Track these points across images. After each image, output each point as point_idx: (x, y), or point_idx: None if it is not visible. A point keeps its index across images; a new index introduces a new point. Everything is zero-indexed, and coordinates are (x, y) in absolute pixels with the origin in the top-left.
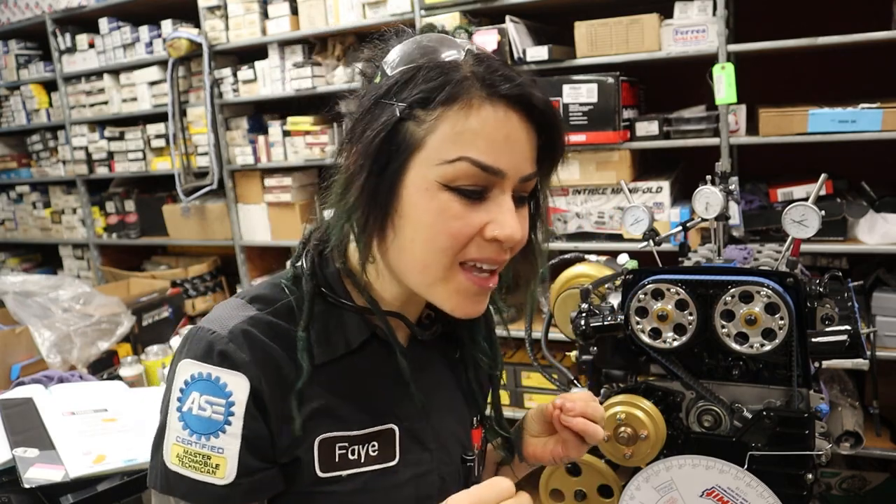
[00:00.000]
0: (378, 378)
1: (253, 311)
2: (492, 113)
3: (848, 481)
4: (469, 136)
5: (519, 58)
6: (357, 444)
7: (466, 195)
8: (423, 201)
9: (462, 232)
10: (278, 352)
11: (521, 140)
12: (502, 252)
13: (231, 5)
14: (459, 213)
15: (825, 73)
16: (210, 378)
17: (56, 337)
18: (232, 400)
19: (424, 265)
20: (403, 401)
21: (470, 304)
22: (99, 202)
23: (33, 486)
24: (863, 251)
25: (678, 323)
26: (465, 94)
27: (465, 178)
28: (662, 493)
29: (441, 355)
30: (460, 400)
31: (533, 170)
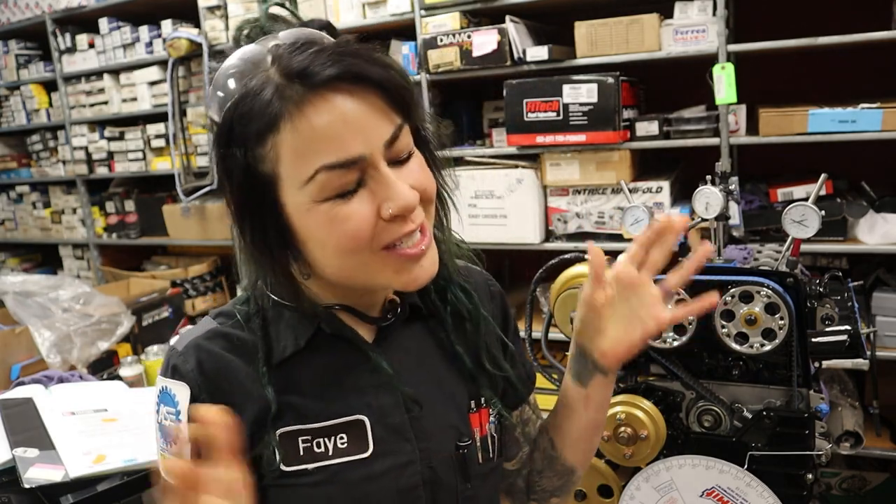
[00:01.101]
0: (347, 371)
1: (214, 325)
2: (316, 110)
3: (848, 481)
4: (310, 145)
5: (519, 58)
6: (322, 437)
7: (343, 196)
8: (310, 221)
9: (361, 229)
10: (231, 359)
11: (361, 112)
12: (409, 221)
13: (231, 5)
14: (347, 214)
15: (825, 73)
16: (166, 390)
17: (56, 337)
18: (179, 408)
19: (348, 271)
20: (377, 390)
21: (416, 275)
22: (99, 202)
23: (33, 486)
24: (863, 251)
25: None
26: (283, 111)
27: (331, 184)
28: (662, 493)
29: (430, 339)
30: (455, 385)
31: (394, 125)
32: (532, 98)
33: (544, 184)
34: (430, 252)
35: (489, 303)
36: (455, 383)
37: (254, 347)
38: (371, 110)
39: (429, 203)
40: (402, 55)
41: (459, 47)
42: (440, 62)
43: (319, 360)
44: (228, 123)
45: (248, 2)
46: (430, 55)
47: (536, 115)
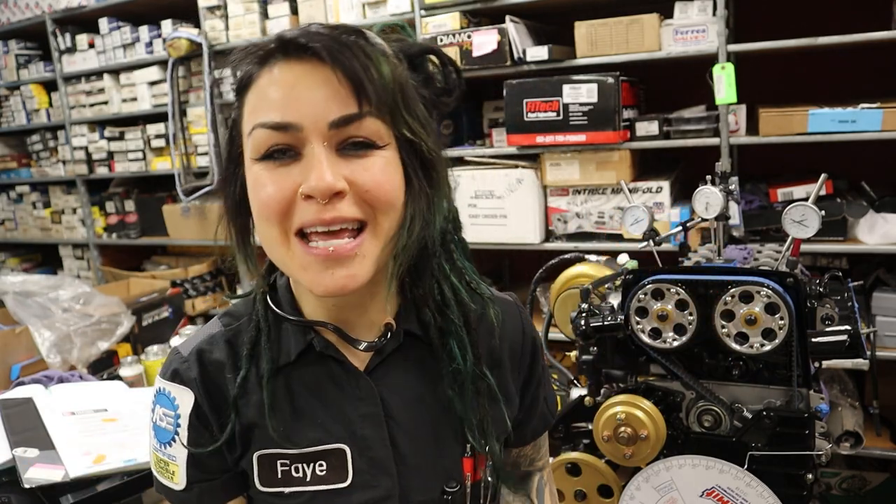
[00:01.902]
0: (335, 395)
1: (218, 328)
2: (271, 75)
3: (848, 481)
4: (257, 104)
5: (519, 58)
6: (301, 462)
7: (273, 159)
8: (248, 180)
9: (272, 198)
10: (226, 367)
11: (315, 86)
12: (325, 210)
13: (231, 5)
14: (267, 180)
15: (825, 73)
16: (165, 392)
17: (56, 337)
18: (179, 413)
19: (267, 242)
20: (363, 420)
21: (318, 277)
22: (99, 202)
23: (33, 486)
24: (863, 251)
25: (678, 323)
26: (256, 70)
27: (264, 144)
28: (662, 493)
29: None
30: (450, 424)
31: (349, 111)
32: (532, 98)
33: (544, 184)
34: (355, 264)
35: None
36: (451, 423)
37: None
38: (326, 90)
39: (379, 209)
40: None
41: (459, 47)
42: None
43: (310, 376)
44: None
45: (248, 2)
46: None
47: (536, 115)
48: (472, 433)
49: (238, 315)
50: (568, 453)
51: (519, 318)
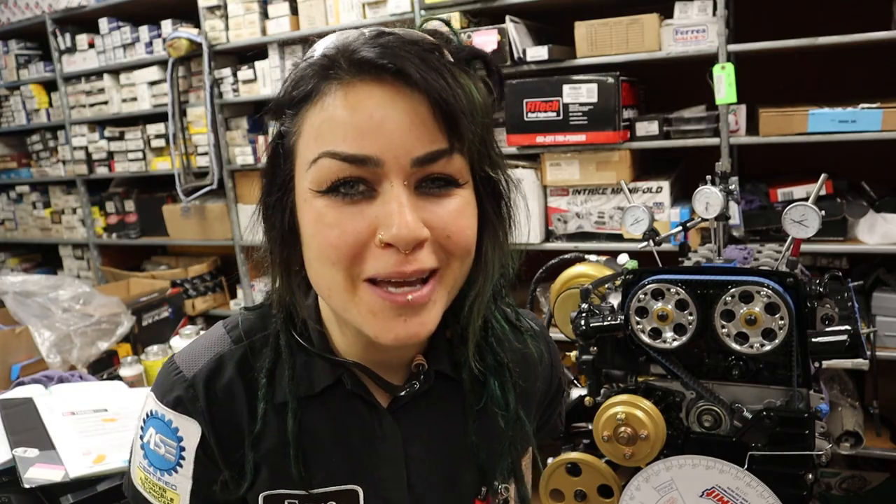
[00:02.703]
0: (349, 434)
1: (226, 345)
2: (347, 96)
3: (848, 481)
4: (327, 128)
5: (519, 58)
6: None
7: (341, 195)
8: (305, 213)
9: (342, 241)
10: (240, 396)
11: (398, 116)
12: (405, 262)
13: (231, 5)
14: (335, 221)
15: (825, 73)
16: (164, 419)
17: (56, 337)
18: (183, 445)
19: (326, 285)
20: (379, 460)
21: (390, 325)
22: (99, 202)
23: (33, 486)
24: (863, 251)
25: (678, 323)
26: (320, 84)
27: (331, 176)
28: (662, 493)
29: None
30: (466, 466)
31: (435, 146)
32: (532, 98)
33: (544, 184)
34: (426, 312)
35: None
36: (466, 465)
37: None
38: (412, 120)
39: (455, 256)
40: None
41: None
42: None
43: (329, 413)
44: (281, 93)
45: (248, 2)
46: None
47: (536, 115)
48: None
49: (249, 331)
50: (568, 453)
51: (548, 352)
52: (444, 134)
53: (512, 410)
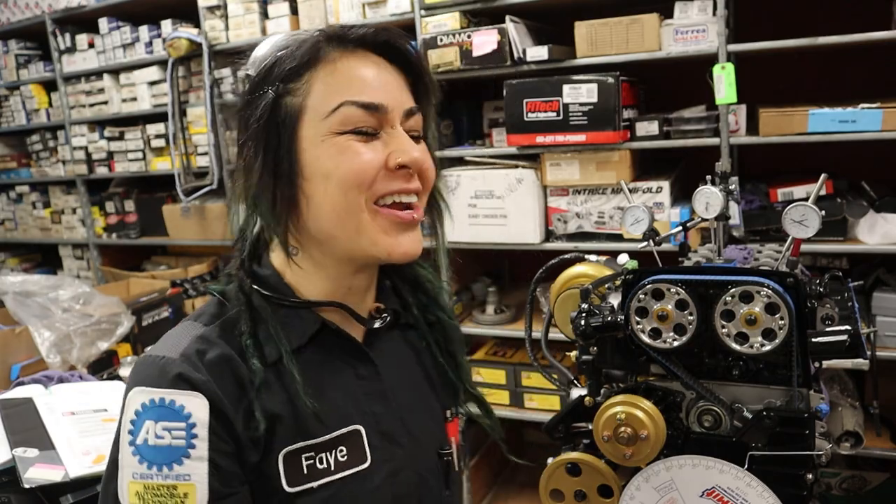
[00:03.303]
0: (338, 376)
1: (201, 328)
2: (353, 60)
3: (848, 481)
4: (342, 83)
5: (519, 57)
6: (324, 452)
7: (360, 134)
8: (324, 151)
9: (367, 166)
10: (235, 361)
11: (390, 78)
12: (411, 178)
13: (231, 5)
14: (360, 150)
15: (825, 73)
16: (164, 403)
17: (56, 337)
18: (193, 422)
19: (343, 214)
20: (369, 397)
21: (400, 241)
22: (99, 202)
23: (33, 486)
24: (863, 251)
25: (678, 323)
26: (324, 54)
27: (352, 120)
28: (662, 493)
29: (406, 348)
30: (430, 393)
31: (413, 104)
32: (532, 98)
33: (544, 184)
34: (418, 231)
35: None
36: (432, 393)
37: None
38: (396, 81)
39: (425, 188)
40: None
41: (459, 47)
42: (440, 62)
43: (317, 362)
44: (268, 66)
45: (248, 2)
46: (431, 55)
47: (536, 115)
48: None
49: (215, 314)
50: (568, 453)
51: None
52: (414, 95)
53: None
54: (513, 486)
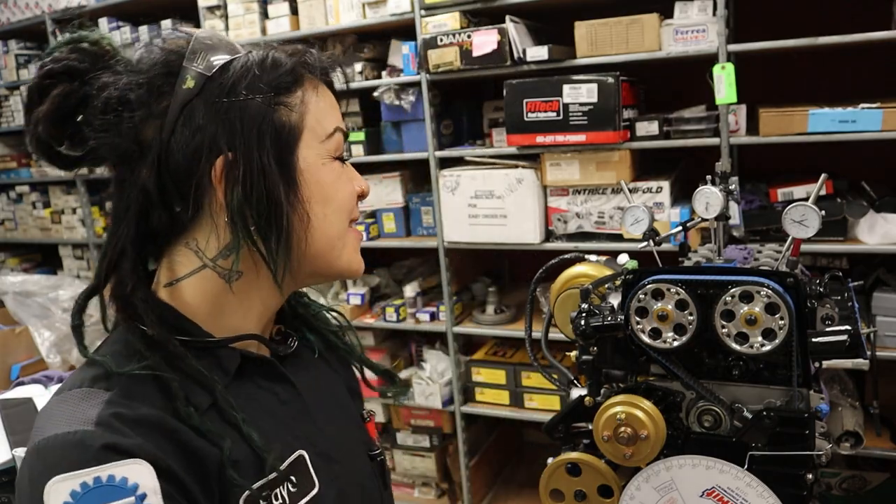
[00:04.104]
0: (265, 405)
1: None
2: (321, 87)
3: (848, 481)
4: (328, 108)
5: (519, 57)
6: (278, 487)
7: (341, 161)
8: (325, 176)
9: (354, 193)
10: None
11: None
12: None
13: (231, 5)
14: (347, 177)
15: (825, 73)
16: (101, 482)
17: (56, 337)
18: (142, 492)
19: (335, 236)
20: (296, 420)
21: (359, 259)
22: (99, 202)
23: None
24: (863, 251)
25: (678, 323)
26: (304, 75)
27: (339, 146)
28: (662, 493)
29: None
30: (345, 399)
31: None
32: (532, 98)
33: (544, 184)
34: None
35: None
36: (347, 399)
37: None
38: None
39: None
40: (402, 55)
41: (459, 47)
42: (440, 62)
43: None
44: (245, 71)
45: (248, 2)
46: (430, 55)
47: (536, 115)
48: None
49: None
50: (568, 453)
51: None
52: None
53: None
54: (513, 486)
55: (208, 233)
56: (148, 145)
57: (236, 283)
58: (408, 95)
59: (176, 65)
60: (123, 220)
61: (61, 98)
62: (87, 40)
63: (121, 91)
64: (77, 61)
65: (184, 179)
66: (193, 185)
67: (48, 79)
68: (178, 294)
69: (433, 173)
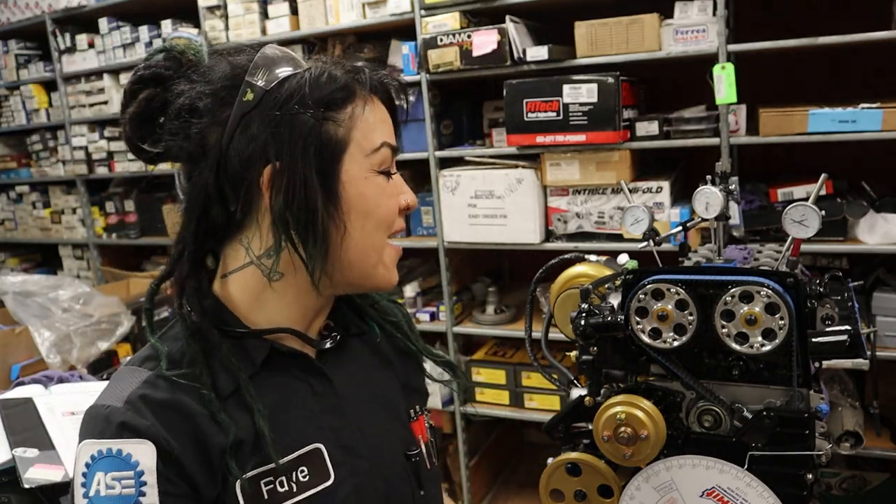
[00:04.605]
0: (294, 396)
1: (146, 372)
2: (375, 100)
3: (848, 481)
4: (377, 124)
5: (519, 58)
6: (283, 475)
7: (387, 175)
8: (367, 189)
9: (396, 207)
10: (185, 402)
11: (389, 121)
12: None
13: (231, 5)
14: (391, 192)
15: (825, 73)
16: (112, 453)
17: (56, 337)
18: (141, 469)
19: (370, 248)
20: (325, 413)
21: (394, 272)
22: (99, 202)
23: (33, 486)
24: (863, 251)
25: (678, 323)
26: (356, 91)
27: (386, 160)
28: (662, 493)
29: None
30: (393, 396)
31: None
32: (532, 98)
33: (544, 184)
34: None
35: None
36: (394, 395)
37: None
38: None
39: None
40: (402, 55)
41: (459, 47)
42: (440, 62)
43: (267, 386)
44: (298, 87)
45: (248, 2)
46: (430, 55)
47: (536, 115)
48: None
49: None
50: (568, 453)
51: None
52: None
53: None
54: (513, 486)
55: (256, 233)
56: (210, 149)
57: (276, 282)
58: (408, 95)
59: (239, 78)
60: (188, 215)
61: (146, 102)
62: (176, 49)
63: (192, 99)
64: (164, 69)
65: (238, 183)
66: (245, 189)
67: (138, 84)
68: (227, 286)
69: (433, 173)
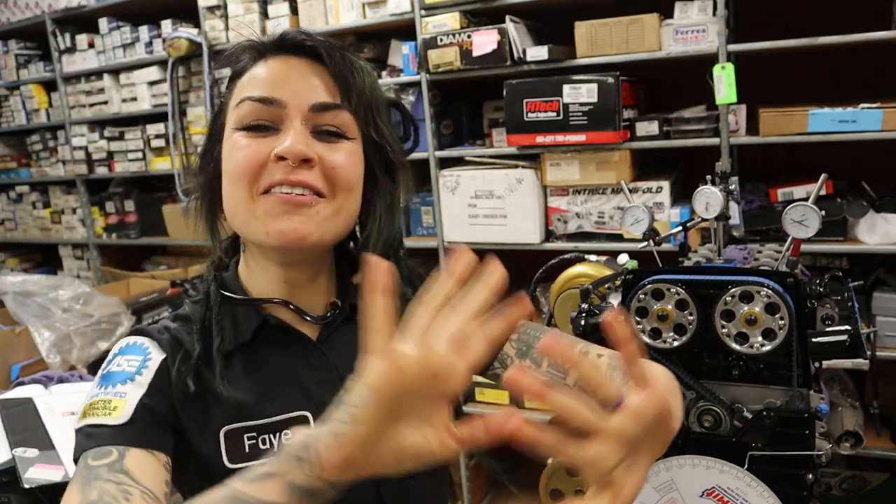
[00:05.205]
0: (290, 367)
1: (168, 322)
2: (267, 63)
3: (848, 481)
4: (249, 83)
5: (519, 57)
6: (267, 434)
7: (254, 130)
8: (225, 147)
9: (249, 160)
10: (186, 343)
11: (304, 75)
12: (293, 170)
13: (231, 5)
14: (245, 145)
15: (825, 73)
16: (135, 344)
17: (56, 337)
18: (149, 357)
19: (233, 204)
20: (320, 386)
21: (278, 222)
22: (99, 202)
23: (33, 486)
24: (863, 251)
25: (678, 323)
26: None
27: (249, 115)
28: (662, 493)
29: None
30: None
31: (330, 100)
32: (532, 98)
33: (544, 184)
34: (309, 217)
35: None
36: None
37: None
38: (313, 78)
39: (339, 187)
40: (402, 55)
41: (459, 47)
42: (440, 62)
43: (263, 354)
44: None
45: (248, 2)
46: (430, 55)
47: (536, 115)
48: None
49: (186, 316)
50: None
51: None
52: (338, 94)
53: None
54: (513, 485)
55: None
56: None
57: (245, 253)
58: (408, 95)
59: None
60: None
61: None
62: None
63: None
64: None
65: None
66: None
67: None
68: (241, 261)
69: (433, 173)
